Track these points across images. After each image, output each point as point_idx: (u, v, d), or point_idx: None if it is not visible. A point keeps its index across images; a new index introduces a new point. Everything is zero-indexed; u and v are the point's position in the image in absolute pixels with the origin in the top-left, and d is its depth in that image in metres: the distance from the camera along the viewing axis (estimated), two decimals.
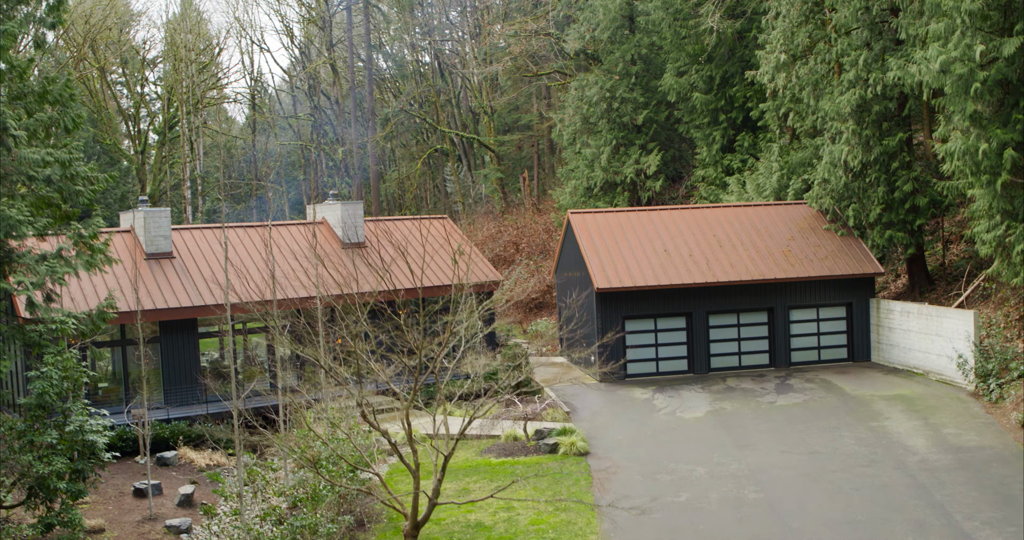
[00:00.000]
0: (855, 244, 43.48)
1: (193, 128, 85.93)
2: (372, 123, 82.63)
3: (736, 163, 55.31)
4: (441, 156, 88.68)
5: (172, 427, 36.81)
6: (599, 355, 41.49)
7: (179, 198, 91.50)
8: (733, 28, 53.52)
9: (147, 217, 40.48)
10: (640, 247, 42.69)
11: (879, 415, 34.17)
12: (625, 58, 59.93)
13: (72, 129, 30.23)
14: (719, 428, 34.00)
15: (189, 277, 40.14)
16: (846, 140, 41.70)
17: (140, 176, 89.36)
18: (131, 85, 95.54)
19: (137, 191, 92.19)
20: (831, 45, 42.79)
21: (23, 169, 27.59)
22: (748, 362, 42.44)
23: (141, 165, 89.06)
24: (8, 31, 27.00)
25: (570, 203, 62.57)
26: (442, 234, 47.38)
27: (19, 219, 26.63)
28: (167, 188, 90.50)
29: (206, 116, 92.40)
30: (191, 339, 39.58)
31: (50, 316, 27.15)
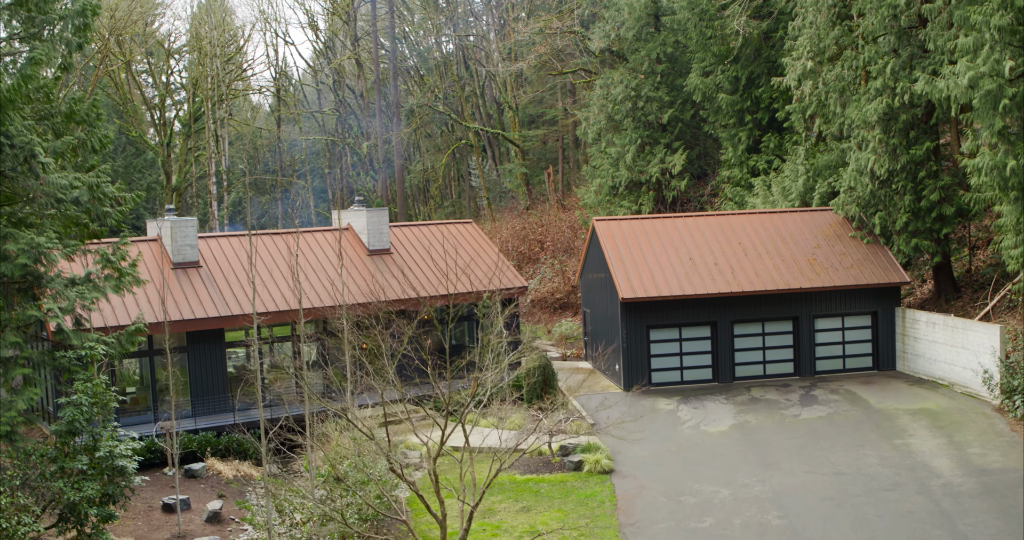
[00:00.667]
0: (881, 252, 43.32)
1: (218, 121, 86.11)
2: (396, 116, 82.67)
3: (762, 164, 55.10)
4: (466, 148, 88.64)
5: (200, 438, 37.18)
6: (624, 364, 41.59)
7: (204, 190, 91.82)
8: (759, 29, 53.24)
9: (174, 227, 40.74)
10: (665, 255, 42.68)
11: (903, 431, 34.15)
12: (650, 56, 59.71)
13: (99, 149, 30.47)
14: (743, 444, 34.08)
15: (216, 286, 40.41)
16: (872, 149, 41.51)
17: (166, 168, 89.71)
18: (156, 76, 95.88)
19: (163, 182, 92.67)
20: (858, 52, 42.52)
21: (51, 192, 27.84)
22: (773, 371, 42.43)
23: (167, 157, 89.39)
24: (35, 58, 27.17)
25: (595, 202, 62.52)
26: (468, 239, 47.50)
27: (47, 246, 26.90)
28: (192, 180, 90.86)
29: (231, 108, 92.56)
30: (218, 349, 39.89)
31: (80, 341, 27.44)
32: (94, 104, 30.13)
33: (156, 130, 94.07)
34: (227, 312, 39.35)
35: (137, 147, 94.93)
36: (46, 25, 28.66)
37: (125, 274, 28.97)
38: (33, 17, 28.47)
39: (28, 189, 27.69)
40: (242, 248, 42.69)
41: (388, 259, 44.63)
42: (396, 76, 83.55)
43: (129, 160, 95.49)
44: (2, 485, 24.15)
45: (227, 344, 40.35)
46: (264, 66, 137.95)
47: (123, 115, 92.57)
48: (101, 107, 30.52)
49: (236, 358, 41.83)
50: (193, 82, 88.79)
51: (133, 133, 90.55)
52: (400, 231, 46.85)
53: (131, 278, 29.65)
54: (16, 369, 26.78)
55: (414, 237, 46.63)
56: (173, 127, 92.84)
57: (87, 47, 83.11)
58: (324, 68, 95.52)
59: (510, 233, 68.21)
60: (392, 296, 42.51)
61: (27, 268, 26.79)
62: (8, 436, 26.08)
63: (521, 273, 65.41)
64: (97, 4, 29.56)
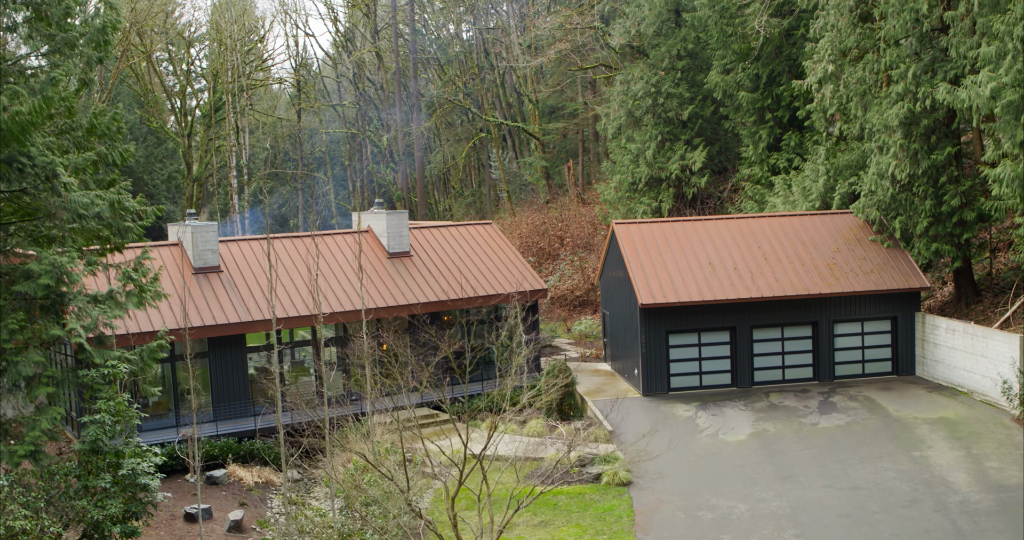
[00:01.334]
0: (901, 256, 43.21)
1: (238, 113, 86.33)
2: (417, 107, 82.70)
3: (782, 162, 54.94)
4: (486, 138, 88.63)
5: (221, 444, 37.53)
6: (643, 369, 41.69)
7: (225, 180, 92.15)
8: (780, 27, 52.97)
9: (195, 232, 40.97)
10: (684, 260, 42.69)
11: (921, 443, 34.19)
12: (671, 53, 59.53)
13: (119, 163, 30.62)
14: (761, 454, 34.18)
15: (237, 291, 40.66)
16: (894, 154, 41.34)
17: (187, 158, 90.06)
18: (176, 65, 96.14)
19: (183, 171, 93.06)
20: (880, 55, 42.28)
21: (73, 208, 28.04)
22: (792, 376, 42.46)
23: (188, 148, 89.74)
24: (56, 78, 27.34)
25: (614, 198, 62.48)
26: (487, 241, 47.61)
27: (70, 266, 27.15)
28: (213, 170, 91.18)
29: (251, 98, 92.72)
30: (239, 353, 40.18)
31: (103, 359, 27.71)
32: (115, 117, 30.28)
33: (177, 120, 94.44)
34: (248, 318, 39.64)
35: (158, 137, 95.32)
36: (66, 44, 28.79)
37: (146, 290, 29.18)
38: (54, 35, 28.62)
39: (50, 207, 27.92)
40: (263, 252, 42.91)
41: (408, 262, 44.78)
42: (416, 68, 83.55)
43: (150, 150, 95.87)
44: (27, 507, 24.49)
45: (248, 348, 40.65)
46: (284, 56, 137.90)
47: (144, 105, 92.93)
48: (122, 120, 30.67)
49: (257, 358, 42.12)
50: (213, 73, 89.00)
51: (154, 123, 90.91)
52: (420, 233, 46.98)
53: (152, 293, 29.85)
54: (40, 388, 27.09)
55: (434, 239, 46.76)
56: (194, 117, 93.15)
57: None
58: (344, 60, 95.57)
59: (530, 228, 68.25)
60: (412, 300, 42.72)
61: (50, 288, 27.06)
62: (33, 455, 26.41)
63: (540, 269, 65.52)
64: (117, 19, 29.68)
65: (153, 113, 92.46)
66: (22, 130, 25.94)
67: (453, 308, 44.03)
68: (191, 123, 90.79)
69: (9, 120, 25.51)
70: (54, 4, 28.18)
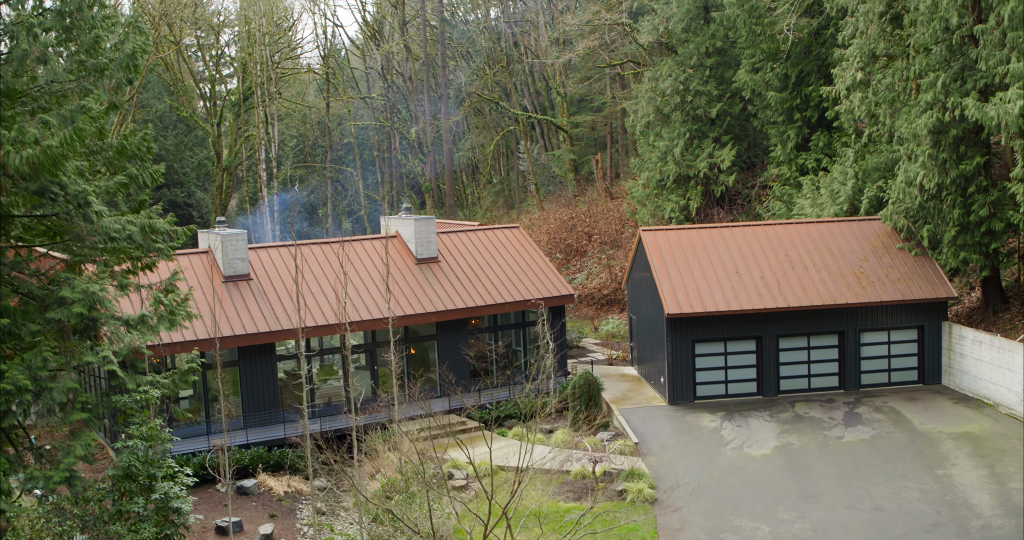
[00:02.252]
0: (928, 265, 43.14)
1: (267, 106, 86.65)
2: (445, 98, 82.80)
3: (811, 162, 54.79)
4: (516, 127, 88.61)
5: (251, 453, 38.08)
6: (668, 377, 41.91)
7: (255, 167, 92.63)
8: (809, 27, 52.70)
9: (224, 241, 41.39)
10: (711, 268, 42.79)
11: (945, 460, 34.29)
12: (700, 50, 59.36)
13: (150, 184, 30.96)
14: (785, 470, 34.39)
15: (266, 299, 41.09)
16: (922, 164, 41.19)
17: (216, 147, 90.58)
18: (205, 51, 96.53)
19: (213, 159, 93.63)
20: (909, 63, 42.07)
21: (104, 233, 28.44)
22: (817, 385, 42.57)
23: (217, 137, 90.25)
24: (86, 107, 27.65)
25: (642, 195, 62.50)
26: (515, 245, 47.84)
27: (101, 295, 27.58)
28: (243, 159, 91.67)
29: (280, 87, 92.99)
30: (269, 361, 40.68)
31: (135, 385, 28.18)
32: (144, 137, 30.56)
33: (206, 107, 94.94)
34: (277, 327, 40.08)
35: (188, 124, 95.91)
36: (96, 70, 29.07)
37: (177, 314, 29.57)
38: (84, 61, 28.91)
39: (82, 233, 28.35)
40: (292, 258, 43.29)
41: (436, 268, 45.08)
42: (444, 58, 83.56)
43: (180, 138, 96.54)
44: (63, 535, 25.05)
45: (278, 357, 41.14)
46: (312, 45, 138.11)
47: (173, 93, 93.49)
48: (151, 140, 30.96)
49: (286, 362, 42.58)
50: (242, 64, 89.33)
51: (184, 112, 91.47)
52: (448, 238, 47.23)
53: (183, 315, 30.25)
54: (74, 413, 27.56)
55: (461, 244, 47.02)
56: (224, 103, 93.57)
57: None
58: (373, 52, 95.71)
59: (558, 224, 68.40)
60: (440, 307, 43.08)
61: (83, 315, 27.51)
62: (68, 481, 26.92)
63: (568, 266, 65.71)
64: (147, 43, 29.95)
65: (183, 101, 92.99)
66: (54, 163, 26.30)
67: (481, 315, 44.35)
68: (220, 111, 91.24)
69: (41, 154, 25.86)
70: (84, 32, 28.45)
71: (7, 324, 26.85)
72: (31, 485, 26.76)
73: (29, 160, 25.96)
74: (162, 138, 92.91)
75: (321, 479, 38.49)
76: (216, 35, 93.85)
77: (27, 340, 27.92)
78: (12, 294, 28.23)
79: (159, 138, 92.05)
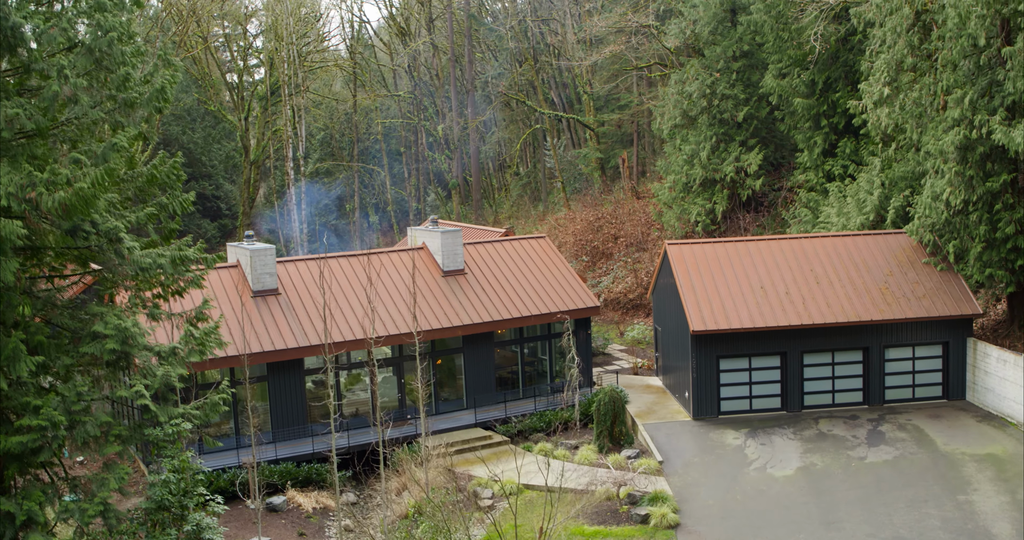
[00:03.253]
0: (954, 280, 43.15)
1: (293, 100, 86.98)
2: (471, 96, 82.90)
3: (837, 168, 54.70)
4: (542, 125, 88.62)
5: (280, 469, 38.67)
6: (693, 392, 42.18)
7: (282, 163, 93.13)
8: (837, 34, 52.51)
9: (253, 256, 41.86)
10: (736, 283, 42.94)
11: (967, 485, 34.47)
12: (726, 54, 59.24)
13: (179, 212, 31.38)
14: (807, 493, 34.65)
15: (294, 314, 41.56)
16: (948, 180, 41.12)
17: (244, 141, 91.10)
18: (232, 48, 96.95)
19: (241, 151, 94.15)
20: (936, 78, 41.92)
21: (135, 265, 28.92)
22: (841, 400, 42.74)
23: (245, 131, 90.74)
24: (117, 145, 28.02)
25: (668, 198, 62.58)
26: (540, 256, 48.11)
27: (134, 330, 28.06)
28: (270, 152, 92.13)
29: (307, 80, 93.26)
30: (297, 376, 41.20)
31: (166, 417, 28.70)
32: (174, 166, 30.92)
33: (233, 99, 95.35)
34: (305, 342, 40.58)
35: (215, 117, 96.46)
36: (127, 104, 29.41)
37: (207, 346, 30.03)
38: (114, 96, 29.26)
39: (113, 268, 28.84)
40: (319, 271, 43.69)
41: (462, 280, 45.42)
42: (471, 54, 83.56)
43: (208, 131, 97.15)
44: None
45: (306, 371, 41.63)
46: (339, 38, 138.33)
47: (201, 87, 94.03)
48: (180, 168, 31.35)
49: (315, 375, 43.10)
50: (269, 58, 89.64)
51: (212, 106, 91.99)
52: (474, 249, 47.52)
53: (215, 344, 30.71)
54: (108, 446, 28.12)
55: (488, 256, 47.32)
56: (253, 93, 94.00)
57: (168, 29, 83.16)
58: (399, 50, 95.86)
59: (584, 225, 68.55)
60: (466, 321, 43.46)
61: (115, 351, 28.02)
62: (103, 514, 27.51)
63: (594, 269, 65.92)
64: (176, 75, 30.25)
65: (210, 95, 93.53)
66: (86, 204, 26.72)
67: (507, 328, 44.71)
68: (248, 105, 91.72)
69: (73, 196, 26.27)
70: (114, 68, 28.76)
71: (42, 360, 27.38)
72: (67, 516, 27.37)
73: (61, 202, 26.37)
74: (190, 131, 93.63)
75: (349, 494, 39.12)
76: (243, 27, 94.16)
77: (60, 372, 28.52)
78: (46, 328, 28.75)
79: (187, 131, 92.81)
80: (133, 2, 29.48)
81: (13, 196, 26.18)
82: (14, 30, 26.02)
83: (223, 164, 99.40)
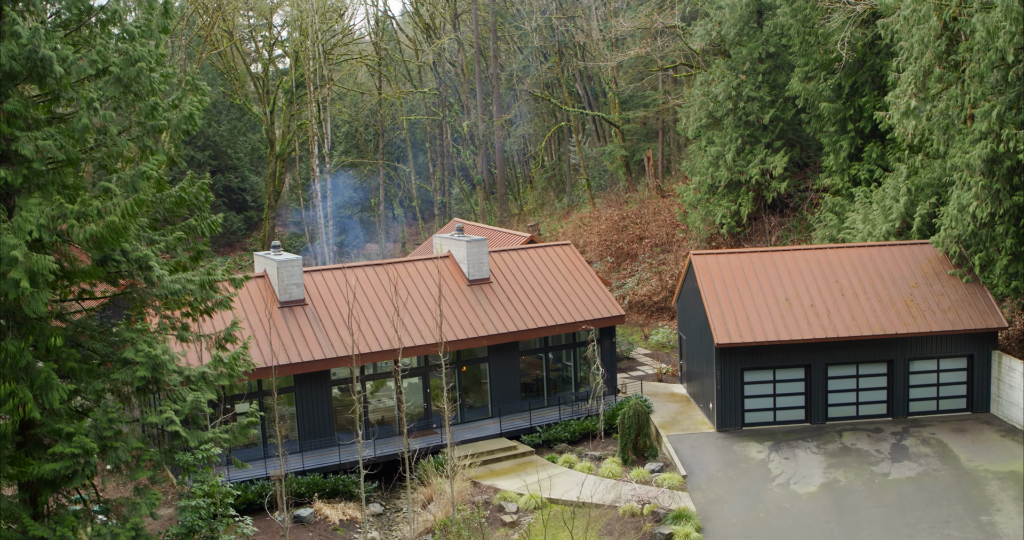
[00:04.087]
0: (980, 292, 43.07)
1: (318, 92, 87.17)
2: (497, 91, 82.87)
3: (863, 173, 54.52)
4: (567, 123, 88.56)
5: (307, 481, 39.08)
6: (717, 404, 42.36)
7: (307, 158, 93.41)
8: (864, 39, 52.24)
9: (280, 267, 42.19)
10: (761, 295, 43.01)
11: (990, 504, 34.55)
12: (752, 55, 59.02)
13: (208, 234, 31.69)
14: (830, 512, 34.81)
15: (321, 326, 41.91)
16: (975, 194, 41.00)
17: (269, 135, 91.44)
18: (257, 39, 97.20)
19: (266, 144, 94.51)
20: (963, 90, 41.74)
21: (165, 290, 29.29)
22: (865, 412, 42.82)
23: (270, 125, 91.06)
24: (146, 173, 28.31)
25: (693, 200, 62.56)
26: (565, 263, 48.28)
27: (164, 358, 28.44)
28: (296, 145, 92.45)
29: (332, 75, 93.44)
30: (324, 387, 41.58)
31: (196, 442, 29.12)
32: (202, 187, 31.23)
33: (257, 90, 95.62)
34: (332, 354, 40.92)
35: (241, 109, 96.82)
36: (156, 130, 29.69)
37: (236, 370, 30.38)
38: (143, 123, 29.55)
39: (144, 295, 29.23)
40: (346, 281, 44.03)
41: (488, 289, 45.66)
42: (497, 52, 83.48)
43: (233, 123, 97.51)
44: None
45: (332, 382, 42.02)
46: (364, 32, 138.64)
47: (227, 80, 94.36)
48: (208, 188, 31.64)
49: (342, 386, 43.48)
50: (295, 52, 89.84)
51: (237, 100, 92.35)
52: (499, 257, 47.71)
53: (244, 367, 31.05)
54: (139, 472, 28.56)
55: (513, 264, 47.52)
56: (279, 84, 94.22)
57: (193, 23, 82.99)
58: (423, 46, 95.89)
59: (609, 224, 68.59)
60: (492, 331, 43.74)
61: (146, 378, 28.42)
62: (134, 539, 27.96)
63: (619, 271, 66.00)
64: (204, 99, 30.49)
65: (235, 87, 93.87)
66: (117, 236, 27.04)
67: (532, 337, 44.95)
68: (273, 99, 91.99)
69: (104, 229, 26.59)
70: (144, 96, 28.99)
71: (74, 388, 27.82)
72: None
73: (93, 235, 26.70)
74: (216, 124, 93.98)
75: (376, 504, 39.55)
76: (268, 20, 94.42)
77: (92, 397, 28.96)
78: (76, 352, 29.15)
79: (213, 124, 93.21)
80: (161, 29, 29.68)
81: (45, 228, 26.46)
82: (44, 61, 26.25)
83: (248, 156, 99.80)
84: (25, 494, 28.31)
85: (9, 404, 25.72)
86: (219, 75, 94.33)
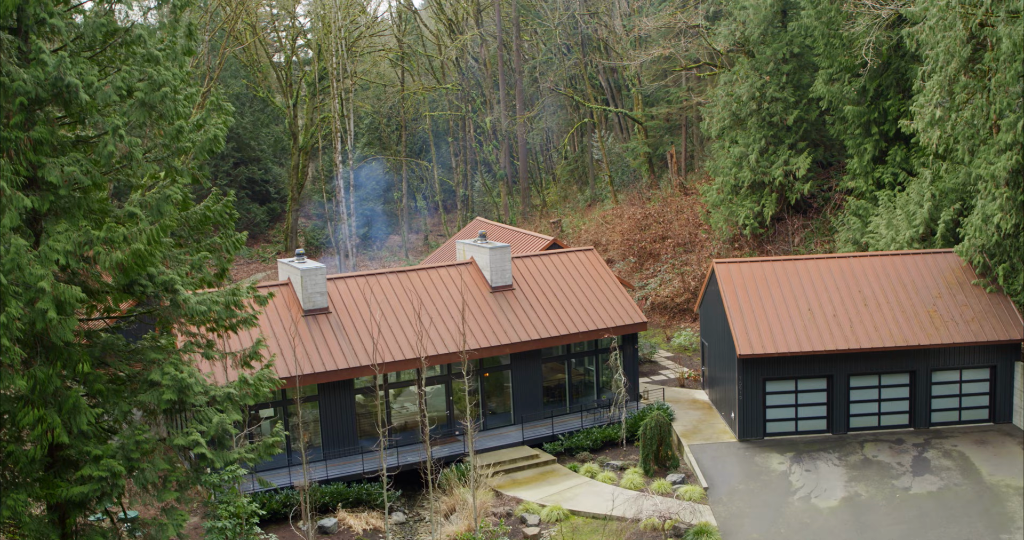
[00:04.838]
0: (1003, 303, 42.93)
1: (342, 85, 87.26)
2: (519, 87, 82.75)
3: (887, 176, 54.29)
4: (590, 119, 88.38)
5: (331, 490, 39.40)
6: (739, 414, 42.43)
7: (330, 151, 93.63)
8: (889, 43, 51.93)
9: (304, 276, 42.40)
10: (783, 304, 43.00)
11: (1011, 522, 34.57)
12: (776, 56, 58.76)
13: (233, 251, 31.92)
14: (851, 528, 34.88)
15: (344, 334, 42.14)
16: (1000, 205, 40.82)
17: (292, 128, 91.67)
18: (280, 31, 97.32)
19: (289, 136, 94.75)
20: (989, 100, 41.51)
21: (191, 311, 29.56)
22: (887, 422, 42.82)
23: (294, 118, 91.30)
24: (171, 196, 28.51)
25: (716, 200, 62.45)
26: (588, 269, 48.35)
27: (190, 381, 28.71)
28: (319, 137, 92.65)
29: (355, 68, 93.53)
30: (348, 396, 41.85)
31: (222, 462, 29.42)
32: (226, 205, 31.43)
33: (280, 82, 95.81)
34: (356, 363, 41.13)
35: (264, 101, 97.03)
36: (180, 151, 29.88)
37: (261, 390, 30.63)
38: (168, 145, 29.74)
39: (169, 316, 29.51)
40: (369, 290, 44.22)
41: (510, 296, 45.79)
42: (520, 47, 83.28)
43: (256, 115, 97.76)
44: None
45: (356, 390, 42.29)
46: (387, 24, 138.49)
47: (250, 73, 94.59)
48: (232, 206, 31.81)
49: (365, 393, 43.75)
50: (318, 46, 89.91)
51: (261, 93, 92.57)
52: (522, 263, 47.80)
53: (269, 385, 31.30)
54: (167, 493, 28.89)
55: (536, 270, 47.61)
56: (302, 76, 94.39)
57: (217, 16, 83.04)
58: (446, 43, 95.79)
59: (631, 223, 68.54)
60: (514, 339, 43.88)
61: (172, 401, 28.71)
62: None
63: (641, 271, 65.99)
64: (228, 120, 30.63)
65: (259, 80, 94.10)
66: (143, 262, 27.27)
67: (554, 345, 45.11)
68: (296, 92, 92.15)
69: (130, 256, 26.81)
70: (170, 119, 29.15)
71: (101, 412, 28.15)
72: None
73: (119, 262, 26.92)
74: (239, 116, 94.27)
75: (398, 513, 39.86)
76: (291, 13, 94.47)
77: (119, 419, 29.28)
78: (103, 374, 29.46)
79: (236, 116, 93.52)
80: (185, 52, 29.82)
81: (71, 254, 26.71)
82: (70, 88, 26.42)
83: (271, 148, 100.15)
84: (54, 514, 28.68)
85: (38, 429, 26.06)
86: (242, 67, 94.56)
